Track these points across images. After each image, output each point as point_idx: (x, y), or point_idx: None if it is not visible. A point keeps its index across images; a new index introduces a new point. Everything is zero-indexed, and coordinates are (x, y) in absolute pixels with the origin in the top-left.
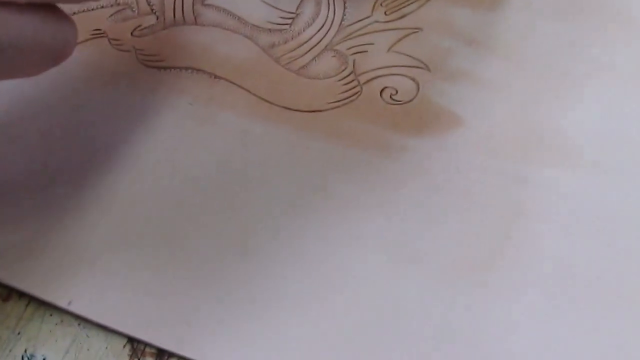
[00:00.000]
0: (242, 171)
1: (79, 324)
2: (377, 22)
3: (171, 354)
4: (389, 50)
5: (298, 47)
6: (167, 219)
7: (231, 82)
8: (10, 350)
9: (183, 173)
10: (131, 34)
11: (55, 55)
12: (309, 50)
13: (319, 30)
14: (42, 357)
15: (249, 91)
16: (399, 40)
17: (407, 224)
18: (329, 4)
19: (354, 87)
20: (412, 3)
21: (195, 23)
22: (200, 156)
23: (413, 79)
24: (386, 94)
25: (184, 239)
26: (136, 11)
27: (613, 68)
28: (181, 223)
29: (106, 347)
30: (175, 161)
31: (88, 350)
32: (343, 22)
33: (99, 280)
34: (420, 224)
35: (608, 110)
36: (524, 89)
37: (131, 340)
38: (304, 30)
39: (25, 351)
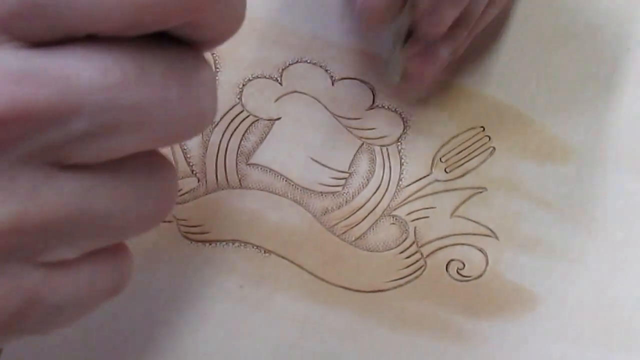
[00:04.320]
0: None
1: None
2: (437, 181)
3: None
4: (452, 215)
5: (353, 214)
6: None
7: (282, 257)
8: None
9: None
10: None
11: (111, 295)
12: (366, 217)
13: (374, 193)
14: None
15: (302, 267)
16: (463, 202)
17: None
18: (383, 161)
19: (417, 261)
20: (473, 158)
21: (240, 186)
22: (254, 347)
23: (481, 250)
24: (452, 269)
25: None
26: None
27: None
28: None
29: None
30: (228, 354)
31: None
32: (401, 183)
33: None
34: None
35: None
36: (601, 260)
37: None
38: (358, 193)
39: None
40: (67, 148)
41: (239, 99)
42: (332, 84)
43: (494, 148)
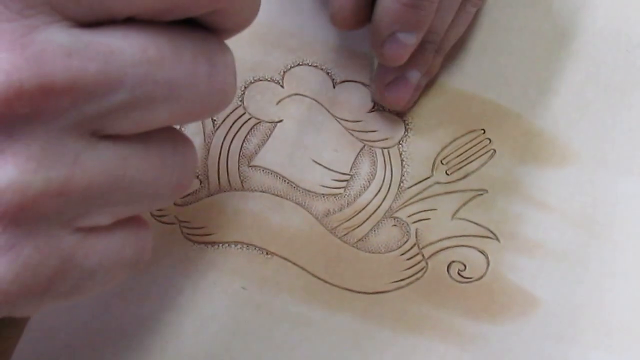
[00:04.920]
0: None
1: None
2: (438, 183)
3: None
4: (453, 217)
5: (355, 215)
6: None
7: (285, 258)
8: None
9: None
10: (174, 202)
11: (135, 265)
12: (367, 219)
13: (376, 195)
14: None
15: (304, 269)
16: (464, 204)
17: None
18: (385, 164)
19: (418, 263)
20: (474, 160)
21: (243, 188)
22: (256, 349)
23: (482, 252)
24: (454, 270)
25: None
26: None
27: None
28: None
29: None
30: (231, 357)
31: None
32: (402, 185)
33: None
34: None
35: None
36: (602, 263)
37: None
38: (360, 195)
39: None
40: (108, 118)
41: (240, 101)
42: (334, 87)
43: (495, 150)
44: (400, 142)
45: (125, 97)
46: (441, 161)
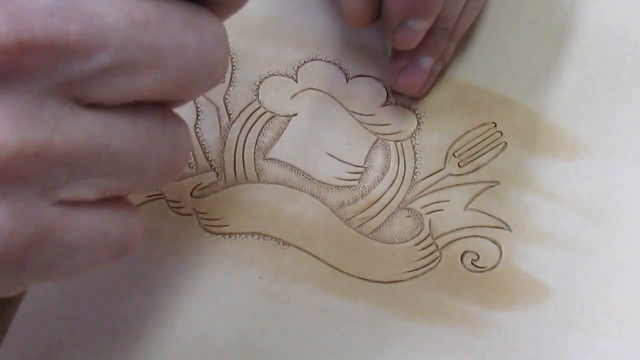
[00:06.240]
0: (320, 354)
1: None
2: (450, 175)
3: None
4: (466, 208)
5: (369, 207)
6: None
7: (301, 249)
8: None
9: (258, 357)
10: (191, 194)
11: (121, 250)
12: (381, 210)
13: (390, 187)
14: None
15: (320, 259)
16: (476, 195)
17: None
18: (398, 156)
19: (432, 253)
20: (486, 153)
21: (258, 180)
22: (273, 338)
23: (494, 242)
24: (467, 260)
25: None
26: (194, 168)
27: None
28: None
29: None
30: (248, 344)
31: None
32: (415, 177)
33: None
34: None
35: None
36: (611, 252)
37: None
38: (374, 187)
39: None
40: (90, 83)
41: (255, 95)
42: (347, 82)
43: (506, 143)
44: (413, 135)
45: (108, 61)
46: (453, 154)
